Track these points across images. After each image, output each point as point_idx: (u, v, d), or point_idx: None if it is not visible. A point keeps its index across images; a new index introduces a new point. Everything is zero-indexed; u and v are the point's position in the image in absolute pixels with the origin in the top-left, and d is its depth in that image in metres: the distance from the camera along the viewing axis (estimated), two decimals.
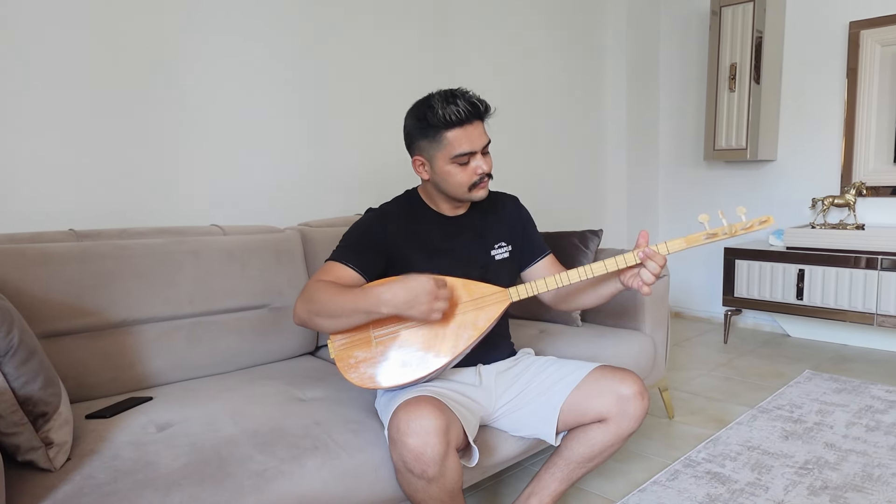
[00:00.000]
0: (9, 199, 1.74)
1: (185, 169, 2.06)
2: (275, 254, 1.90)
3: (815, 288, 3.03)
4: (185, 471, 1.17)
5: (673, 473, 1.90)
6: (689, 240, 1.35)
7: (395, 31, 2.62)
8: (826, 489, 1.77)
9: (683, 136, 3.90)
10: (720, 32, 3.37)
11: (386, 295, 1.27)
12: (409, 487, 1.27)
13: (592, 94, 3.62)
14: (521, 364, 1.58)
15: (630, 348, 2.03)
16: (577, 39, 3.49)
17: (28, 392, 1.11)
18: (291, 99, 2.31)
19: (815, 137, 3.39)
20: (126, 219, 1.93)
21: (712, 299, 3.85)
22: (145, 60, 1.95)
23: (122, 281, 1.61)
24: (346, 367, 1.37)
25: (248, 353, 1.82)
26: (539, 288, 1.39)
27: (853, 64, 3.18)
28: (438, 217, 1.53)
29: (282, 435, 1.31)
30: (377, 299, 1.27)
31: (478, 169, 1.42)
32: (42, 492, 1.09)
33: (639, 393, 1.42)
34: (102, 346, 1.57)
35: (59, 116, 1.80)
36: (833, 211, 3.27)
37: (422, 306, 1.26)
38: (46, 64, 1.76)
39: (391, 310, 1.27)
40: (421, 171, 1.47)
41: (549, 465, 1.52)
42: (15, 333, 1.11)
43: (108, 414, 1.40)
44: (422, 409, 1.21)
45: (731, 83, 3.35)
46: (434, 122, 1.37)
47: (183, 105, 2.04)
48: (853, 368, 2.88)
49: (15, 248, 1.49)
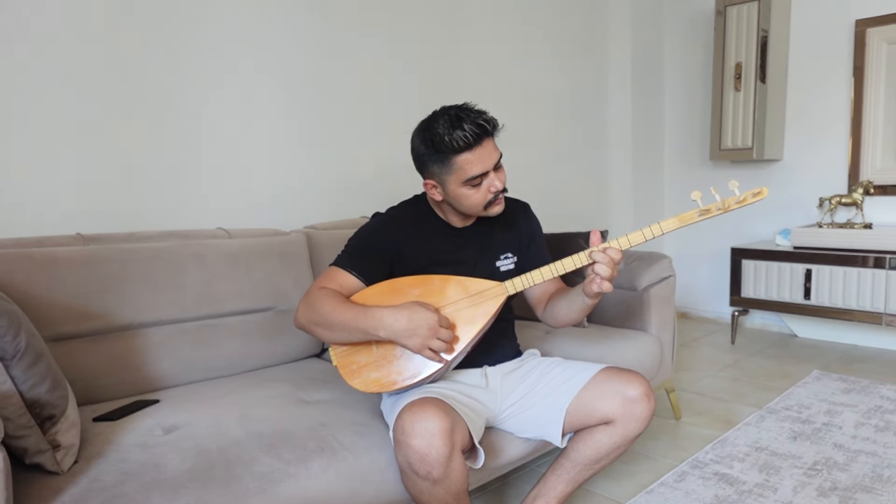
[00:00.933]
0: (16, 204, 1.75)
1: (191, 172, 2.07)
2: (280, 256, 1.91)
3: (822, 288, 3.01)
4: (192, 473, 1.17)
5: (680, 475, 1.89)
6: (683, 218, 1.30)
7: (401, 34, 2.62)
8: (835, 490, 1.76)
9: (689, 136, 3.89)
10: (725, 32, 3.36)
11: (388, 320, 1.28)
12: (414, 489, 1.27)
13: (597, 95, 3.62)
14: (526, 365, 1.58)
15: (636, 349, 2.02)
16: (581, 39, 3.49)
17: (35, 395, 1.12)
18: (297, 102, 2.32)
19: (821, 136, 3.37)
20: (132, 222, 1.94)
21: (719, 299, 3.83)
22: (152, 63, 1.95)
23: (128, 284, 1.62)
24: (348, 373, 1.38)
25: (254, 355, 1.83)
26: (535, 278, 1.38)
27: (859, 62, 3.16)
28: (446, 227, 1.52)
29: (287, 437, 1.32)
30: (378, 322, 1.29)
31: (491, 187, 1.39)
32: (49, 494, 1.09)
33: (645, 394, 1.41)
34: (109, 349, 1.58)
35: (66, 121, 1.81)
36: (840, 210, 3.25)
37: (419, 339, 1.28)
38: (54, 68, 1.78)
39: (388, 335, 1.29)
40: (434, 193, 1.45)
41: (555, 467, 1.51)
42: (22, 337, 1.11)
43: (115, 417, 1.41)
44: (427, 411, 1.21)
45: (737, 83, 3.34)
46: (442, 147, 1.35)
47: (189, 109, 2.05)
48: (862, 369, 2.86)
49: (22, 252, 1.50)
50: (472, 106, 1.38)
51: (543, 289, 1.57)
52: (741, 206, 1.29)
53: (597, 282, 1.32)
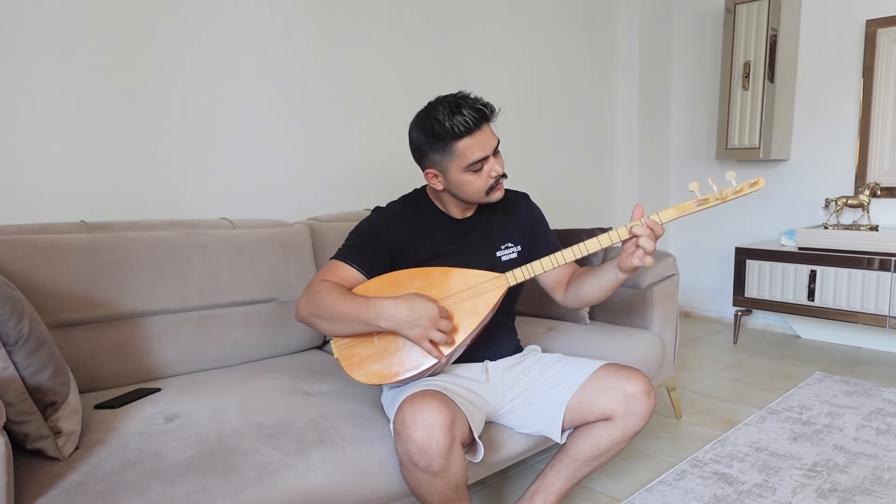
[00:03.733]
0: (20, 191, 1.75)
1: (196, 162, 2.07)
2: (283, 248, 1.91)
3: (827, 289, 2.99)
4: (192, 462, 1.17)
5: (679, 473, 1.89)
6: (681, 208, 1.32)
7: (404, 28, 2.61)
8: (835, 492, 1.76)
9: (695, 134, 3.87)
10: (734, 30, 3.33)
11: (389, 310, 1.29)
12: (413, 481, 1.27)
13: (604, 92, 3.60)
14: (527, 361, 1.58)
15: (638, 347, 2.02)
16: (590, 37, 3.47)
17: (37, 381, 1.12)
18: (301, 94, 2.32)
19: (829, 137, 3.35)
20: (136, 211, 1.94)
21: (722, 299, 3.82)
22: (158, 54, 1.95)
23: (131, 273, 1.62)
24: (350, 365, 1.38)
25: (256, 346, 1.83)
26: (535, 269, 1.39)
27: (869, 63, 3.13)
28: (445, 218, 1.53)
29: (288, 428, 1.32)
30: (379, 312, 1.29)
31: (492, 172, 1.41)
32: (50, 480, 1.10)
33: (645, 391, 1.41)
34: (111, 337, 1.58)
35: (72, 109, 1.81)
36: (846, 211, 3.23)
37: (419, 329, 1.28)
38: (59, 57, 1.78)
39: (390, 325, 1.29)
40: (435, 183, 1.46)
41: (554, 463, 1.51)
42: (25, 323, 1.12)
43: (116, 404, 1.42)
44: (428, 403, 1.22)
45: (745, 81, 3.32)
46: (442, 134, 1.36)
47: (194, 99, 2.05)
48: (865, 371, 2.85)
49: (26, 239, 1.51)
50: (467, 93, 1.40)
51: (560, 272, 1.57)
52: (739, 197, 1.30)
53: (639, 255, 1.32)
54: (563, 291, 1.58)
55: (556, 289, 1.59)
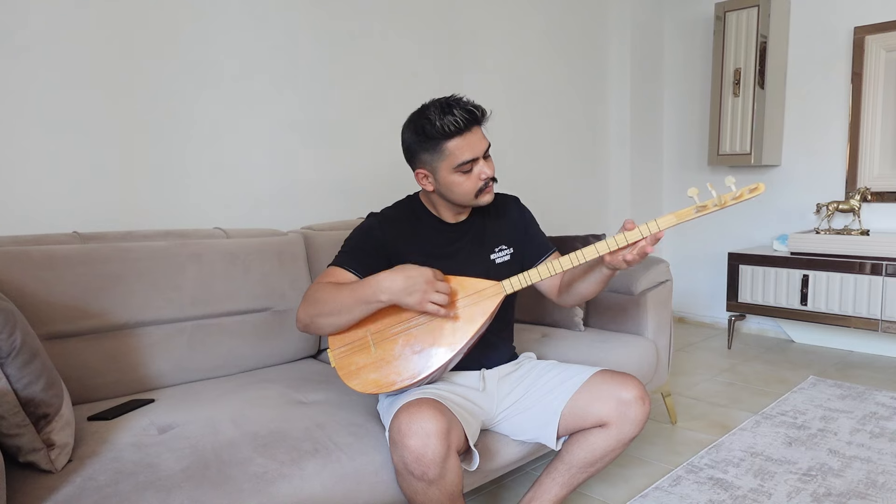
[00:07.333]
0: (14, 202, 1.75)
1: (189, 172, 2.07)
2: (277, 257, 1.91)
3: (819, 293, 3.01)
4: (186, 473, 1.17)
5: (675, 479, 1.89)
6: (680, 215, 1.31)
7: (399, 36, 2.62)
8: (829, 496, 1.76)
9: (687, 141, 3.90)
10: (724, 37, 3.37)
11: (385, 282, 1.30)
12: (409, 489, 1.27)
13: (596, 99, 3.62)
14: (522, 368, 1.58)
15: (632, 353, 2.03)
16: (581, 44, 3.49)
17: (30, 394, 1.12)
18: (295, 103, 2.32)
19: (819, 143, 3.38)
20: (130, 221, 1.93)
21: (716, 304, 3.84)
22: (151, 63, 1.96)
23: (125, 283, 1.62)
24: (347, 374, 1.38)
25: (250, 356, 1.83)
26: (532, 278, 1.39)
27: (858, 69, 3.17)
28: (439, 223, 1.54)
29: (282, 438, 1.32)
30: (377, 286, 1.30)
31: (482, 174, 1.42)
32: (43, 493, 1.09)
33: (640, 397, 1.42)
34: (105, 348, 1.58)
35: (65, 119, 1.81)
36: (837, 216, 3.26)
37: (418, 294, 1.29)
38: (53, 67, 1.77)
39: (389, 296, 1.30)
40: (425, 183, 1.47)
41: (549, 470, 1.52)
42: (17, 335, 1.11)
43: (109, 416, 1.41)
44: (423, 411, 1.22)
45: (736, 88, 3.34)
46: (433, 133, 1.38)
47: (188, 109, 2.05)
48: (858, 375, 2.87)
49: (19, 250, 1.50)
50: (460, 96, 1.41)
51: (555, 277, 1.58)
52: (738, 202, 1.30)
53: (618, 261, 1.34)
54: (558, 293, 1.59)
55: (551, 291, 1.61)
